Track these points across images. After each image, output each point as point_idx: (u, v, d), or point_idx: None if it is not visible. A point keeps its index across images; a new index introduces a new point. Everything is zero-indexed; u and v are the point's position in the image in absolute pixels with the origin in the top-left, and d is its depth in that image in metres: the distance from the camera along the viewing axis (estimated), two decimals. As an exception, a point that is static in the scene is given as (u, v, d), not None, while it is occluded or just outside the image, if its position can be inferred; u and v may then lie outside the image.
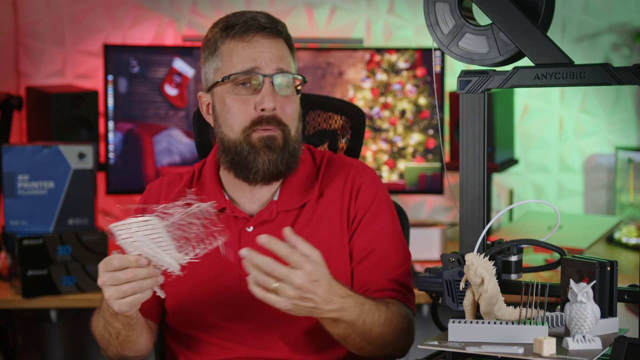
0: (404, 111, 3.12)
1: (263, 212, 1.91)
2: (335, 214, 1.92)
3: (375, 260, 1.88)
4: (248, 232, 1.90)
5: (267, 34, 1.89)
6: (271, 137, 1.87)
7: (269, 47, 1.89)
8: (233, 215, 1.91)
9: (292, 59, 1.94)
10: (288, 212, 1.91)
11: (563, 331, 1.52)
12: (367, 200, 1.93)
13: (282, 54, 1.90)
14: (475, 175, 1.65)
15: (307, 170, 1.96)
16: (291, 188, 1.93)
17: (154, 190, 2.00)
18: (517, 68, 1.60)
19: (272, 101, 1.86)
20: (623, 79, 1.53)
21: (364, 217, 1.92)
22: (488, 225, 1.63)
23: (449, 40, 1.66)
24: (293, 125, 1.90)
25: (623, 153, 3.34)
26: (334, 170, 1.97)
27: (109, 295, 1.61)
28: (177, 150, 3.08)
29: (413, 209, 3.37)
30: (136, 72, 3.04)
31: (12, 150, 2.67)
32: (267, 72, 1.87)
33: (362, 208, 1.92)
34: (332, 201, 1.93)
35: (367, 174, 1.96)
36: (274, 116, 1.87)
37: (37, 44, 3.28)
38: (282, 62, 1.89)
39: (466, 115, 1.64)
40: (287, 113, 1.89)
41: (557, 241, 1.73)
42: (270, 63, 1.88)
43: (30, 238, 2.63)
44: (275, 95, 1.87)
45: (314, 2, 3.34)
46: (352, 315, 1.70)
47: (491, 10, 1.61)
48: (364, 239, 1.90)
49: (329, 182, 1.95)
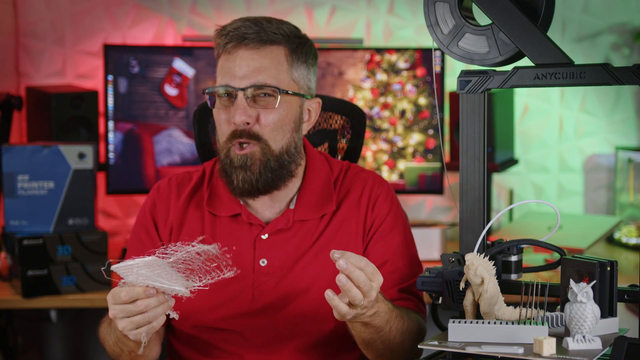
0: (404, 111, 3.12)
1: (279, 220, 1.89)
2: (351, 225, 1.91)
3: (388, 272, 1.86)
4: (263, 240, 1.89)
5: (247, 44, 1.84)
6: (245, 156, 1.84)
7: (246, 60, 1.84)
8: (248, 222, 1.90)
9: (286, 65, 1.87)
10: (304, 222, 1.90)
11: (563, 331, 1.52)
12: (383, 212, 1.92)
13: (262, 65, 1.84)
14: (475, 175, 1.65)
15: (324, 179, 1.94)
16: (308, 197, 1.91)
17: (163, 191, 1.97)
18: (517, 68, 1.60)
19: (243, 115, 1.82)
20: (623, 79, 1.53)
21: (379, 228, 1.91)
22: (488, 225, 1.63)
23: (449, 40, 1.66)
24: (275, 137, 1.85)
25: (623, 153, 3.34)
26: (350, 181, 1.96)
27: (122, 327, 1.58)
28: (177, 150, 3.08)
29: (413, 209, 3.37)
30: (136, 72, 3.04)
31: (12, 150, 2.67)
32: (239, 85, 1.83)
33: (377, 220, 1.91)
34: (348, 213, 1.92)
35: (383, 188, 1.96)
36: (247, 130, 1.84)
37: (37, 44, 3.28)
38: (261, 74, 1.84)
39: (466, 115, 1.64)
40: (265, 125, 1.84)
41: (557, 241, 1.73)
42: (245, 76, 1.83)
43: (30, 238, 2.62)
44: (247, 109, 1.83)
45: (314, 2, 3.34)
46: (382, 320, 1.70)
47: (491, 10, 1.61)
48: (378, 250, 1.90)
49: (346, 193, 1.93)
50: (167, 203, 1.95)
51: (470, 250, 1.62)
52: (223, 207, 1.92)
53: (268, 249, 1.88)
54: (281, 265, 1.87)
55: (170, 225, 1.93)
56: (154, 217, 1.95)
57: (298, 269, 1.87)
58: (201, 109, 2.18)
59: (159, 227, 1.94)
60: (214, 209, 1.92)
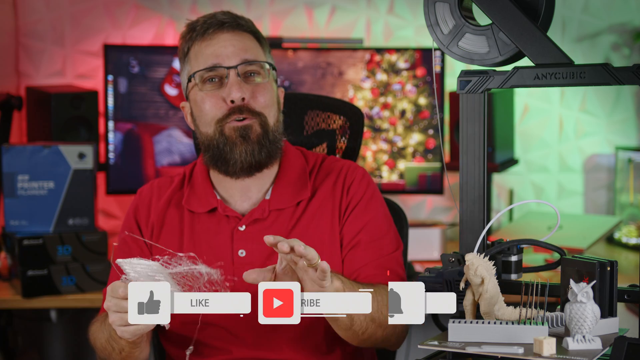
0: (404, 111, 3.12)
1: (255, 211, 1.92)
2: (326, 210, 1.93)
3: (365, 247, 1.89)
4: (240, 231, 1.90)
5: (226, 28, 1.90)
6: (246, 126, 1.87)
7: (230, 40, 1.90)
8: (225, 215, 1.92)
9: (262, 50, 1.93)
10: (280, 210, 1.92)
11: (563, 331, 1.52)
12: (358, 193, 1.94)
13: (245, 45, 1.90)
14: (475, 175, 1.65)
15: (299, 170, 1.96)
16: (283, 187, 1.94)
17: (144, 195, 2.01)
18: (517, 68, 1.60)
19: (239, 91, 1.86)
20: (623, 79, 1.53)
21: (355, 208, 1.93)
22: (488, 225, 1.63)
23: (449, 40, 1.66)
24: (270, 113, 1.90)
25: (623, 153, 3.34)
26: (326, 169, 1.98)
27: (112, 320, 1.59)
28: (177, 150, 3.08)
29: (413, 209, 3.37)
30: (136, 72, 3.04)
31: (12, 150, 2.67)
32: (230, 63, 1.88)
33: (353, 200, 1.94)
34: (324, 199, 1.93)
35: (358, 172, 1.98)
36: (245, 106, 1.87)
37: (37, 44, 3.28)
38: (248, 53, 1.89)
39: (466, 115, 1.64)
40: (260, 101, 1.88)
41: (557, 241, 1.73)
42: (233, 55, 1.88)
43: (30, 238, 2.63)
44: (243, 85, 1.87)
45: (314, 2, 3.34)
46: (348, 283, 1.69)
47: (491, 10, 1.61)
48: (354, 228, 1.91)
49: (322, 181, 1.96)
50: (149, 205, 1.98)
51: (470, 250, 1.62)
52: (200, 203, 1.94)
53: (246, 240, 1.90)
54: (259, 254, 1.88)
55: (151, 225, 1.96)
56: (137, 219, 1.98)
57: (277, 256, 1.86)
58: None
59: (141, 229, 1.97)
60: (191, 206, 1.95)
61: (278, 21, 3.31)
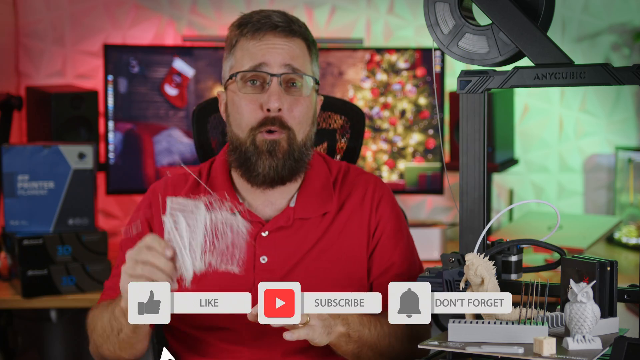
0: (404, 111, 3.12)
1: (279, 218, 1.89)
2: (354, 226, 1.91)
3: (392, 276, 1.88)
4: (263, 237, 1.88)
5: (279, 32, 1.85)
6: (274, 141, 1.84)
7: (280, 45, 1.85)
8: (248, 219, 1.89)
9: (309, 59, 1.90)
10: (304, 220, 1.90)
11: (563, 331, 1.52)
12: (386, 214, 1.93)
13: (295, 53, 1.86)
14: (475, 175, 1.65)
15: (323, 179, 1.94)
16: (308, 196, 1.91)
17: (158, 191, 1.96)
18: (517, 68, 1.60)
19: (278, 101, 1.83)
20: (623, 79, 1.53)
21: (384, 233, 1.92)
22: (488, 225, 1.63)
23: (449, 40, 1.66)
24: (300, 128, 1.86)
25: (623, 153, 3.34)
26: (351, 182, 1.96)
27: (124, 268, 1.59)
28: (177, 150, 3.08)
29: (413, 209, 3.37)
30: (136, 72, 3.04)
31: (12, 150, 2.67)
32: (275, 70, 1.84)
33: (382, 222, 1.92)
34: (352, 214, 1.92)
35: (385, 190, 1.97)
36: (278, 117, 1.84)
37: (37, 44, 3.28)
38: (295, 61, 1.85)
39: (466, 115, 1.64)
40: (295, 116, 1.85)
41: (557, 241, 1.73)
42: (280, 61, 1.84)
43: (30, 238, 2.62)
44: (282, 96, 1.84)
45: (314, 2, 3.34)
46: (355, 322, 1.72)
47: (491, 10, 1.61)
48: (383, 256, 1.91)
49: (349, 194, 1.94)
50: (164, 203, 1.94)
51: (470, 250, 1.62)
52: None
53: (268, 247, 1.88)
54: (282, 262, 1.87)
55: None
56: (148, 218, 1.94)
57: (301, 267, 1.87)
58: (200, 108, 2.17)
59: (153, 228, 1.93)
60: None
61: (278, 21, 3.31)
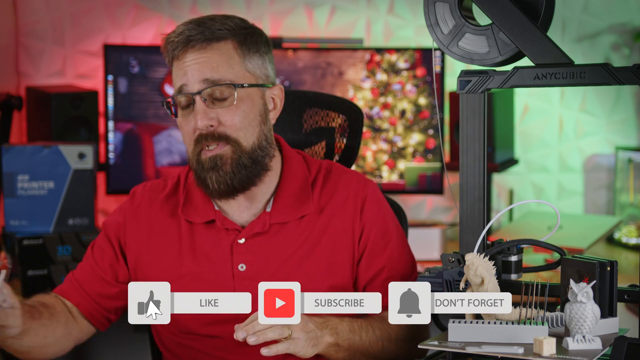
0: (404, 111, 3.12)
1: (255, 224, 1.85)
2: (337, 229, 1.86)
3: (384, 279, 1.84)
4: (240, 244, 1.85)
5: (193, 46, 1.79)
6: (215, 157, 1.79)
7: (196, 60, 1.79)
8: (224, 227, 1.85)
9: (240, 59, 1.82)
10: (282, 224, 1.85)
11: (563, 331, 1.52)
12: (371, 217, 1.88)
13: (213, 63, 1.79)
14: (475, 175, 1.65)
15: (301, 180, 1.89)
16: (285, 198, 1.87)
17: (137, 196, 1.94)
18: (517, 68, 1.60)
19: (203, 119, 1.77)
20: (623, 79, 1.53)
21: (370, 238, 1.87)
22: (488, 225, 1.63)
23: (449, 40, 1.66)
24: (245, 134, 1.80)
25: (623, 153, 3.34)
26: (334, 182, 1.91)
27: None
28: (177, 150, 3.08)
29: (413, 209, 3.37)
30: (136, 72, 3.05)
31: (12, 150, 2.67)
32: (196, 88, 1.78)
33: (367, 225, 1.87)
34: (333, 216, 1.87)
35: (369, 188, 1.90)
36: (213, 133, 1.79)
37: (37, 44, 3.28)
38: (215, 72, 1.79)
39: (466, 115, 1.64)
40: (231, 125, 1.79)
41: (557, 241, 1.73)
42: (197, 78, 1.78)
43: (30, 238, 2.63)
44: (208, 112, 1.78)
45: (314, 2, 3.34)
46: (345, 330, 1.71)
47: (491, 10, 1.61)
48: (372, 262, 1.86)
49: (331, 195, 1.89)
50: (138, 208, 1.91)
51: (470, 250, 1.62)
52: (198, 213, 1.87)
53: (246, 254, 1.84)
54: (261, 269, 1.83)
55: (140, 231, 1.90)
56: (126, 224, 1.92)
57: (282, 273, 1.83)
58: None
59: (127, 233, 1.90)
60: (188, 216, 1.88)
61: (278, 21, 3.31)
